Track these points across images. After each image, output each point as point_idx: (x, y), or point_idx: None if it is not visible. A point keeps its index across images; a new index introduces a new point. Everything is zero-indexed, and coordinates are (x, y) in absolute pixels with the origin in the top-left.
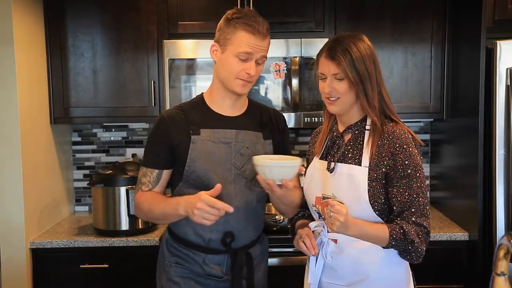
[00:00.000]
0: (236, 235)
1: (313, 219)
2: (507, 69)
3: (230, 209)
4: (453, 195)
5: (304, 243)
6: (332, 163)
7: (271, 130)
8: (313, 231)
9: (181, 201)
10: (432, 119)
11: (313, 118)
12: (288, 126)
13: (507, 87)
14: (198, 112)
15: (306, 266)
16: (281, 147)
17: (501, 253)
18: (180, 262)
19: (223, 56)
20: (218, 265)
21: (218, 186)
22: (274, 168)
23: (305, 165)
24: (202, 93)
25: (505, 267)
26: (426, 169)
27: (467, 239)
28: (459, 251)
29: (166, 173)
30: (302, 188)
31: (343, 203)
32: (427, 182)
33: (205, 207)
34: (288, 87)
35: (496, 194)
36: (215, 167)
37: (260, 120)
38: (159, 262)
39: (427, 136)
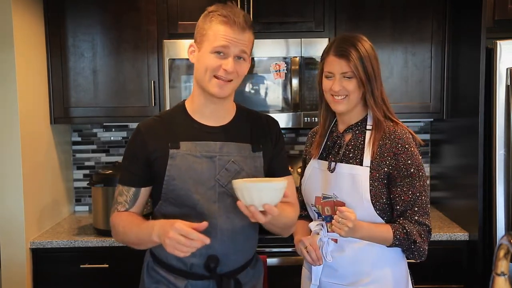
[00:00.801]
0: (221, 259)
1: (310, 219)
2: (507, 69)
3: (207, 240)
4: (453, 195)
5: (309, 254)
6: (333, 163)
7: (263, 142)
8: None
9: (155, 226)
10: (432, 119)
11: (313, 118)
12: (288, 126)
13: (507, 87)
14: (179, 123)
15: (303, 267)
16: (274, 163)
17: (501, 253)
18: None
19: (199, 54)
20: None
21: (204, 224)
22: (253, 191)
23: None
24: (184, 100)
25: (505, 267)
26: (426, 169)
27: (467, 239)
28: (459, 251)
29: (144, 191)
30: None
31: (344, 205)
32: (427, 182)
33: (177, 237)
34: (288, 87)
35: (496, 194)
36: (197, 184)
37: (250, 129)
38: (141, 286)
39: (427, 136)
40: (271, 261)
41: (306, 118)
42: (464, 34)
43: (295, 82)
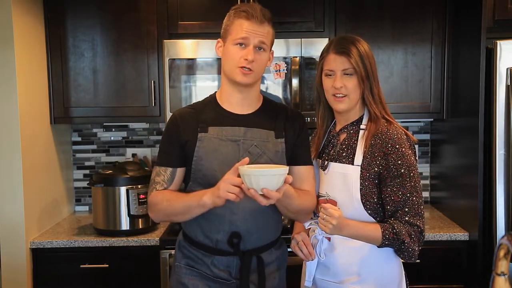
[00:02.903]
0: (243, 236)
1: None
2: (507, 69)
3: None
4: (453, 195)
5: (301, 250)
6: (326, 162)
7: (286, 131)
8: (308, 229)
9: (207, 191)
10: (432, 119)
11: (313, 118)
12: None
13: (507, 87)
14: (209, 111)
15: (303, 264)
16: (296, 151)
17: (501, 253)
18: (190, 264)
19: (224, 48)
20: (227, 268)
21: (246, 160)
22: (252, 176)
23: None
24: (216, 92)
25: (505, 267)
26: (426, 169)
27: (467, 239)
28: (459, 251)
29: (180, 172)
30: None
31: (336, 204)
32: (427, 182)
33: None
34: (288, 87)
35: (496, 194)
36: (222, 165)
37: (275, 119)
38: (173, 264)
39: (427, 136)
40: None
41: (306, 118)
42: (464, 34)
43: (295, 82)
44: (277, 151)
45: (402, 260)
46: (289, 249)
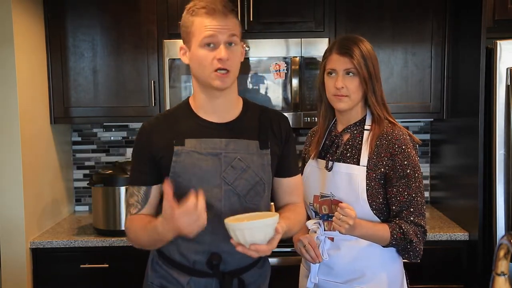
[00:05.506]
0: (224, 257)
1: (309, 218)
2: (507, 69)
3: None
4: (453, 195)
5: (308, 252)
6: (330, 162)
7: (270, 138)
8: (309, 229)
9: (159, 220)
10: (432, 119)
11: (313, 118)
12: None
13: (507, 87)
14: (184, 120)
15: (301, 265)
16: (282, 161)
17: (501, 253)
18: (163, 285)
19: (191, 53)
20: None
21: (200, 195)
22: (237, 231)
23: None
24: (188, 97)
25: (505, 267)
26: (426, 169)
27: (467, 239)
28: (459, 251)
29: (155, 190)
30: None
31: (344, 203)
32: (427, 182)
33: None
34: (288, 87)
35: (496, 194)
36: (202, 182)
37: (258, 126)
38: (144, 282)
39: (427, 136)
40: (271, 260)
41: (306, 118)
42: (464, 34)
43: (295, 82)
44: (263, 164)
45: (406, 260)
46: (285, 249)
